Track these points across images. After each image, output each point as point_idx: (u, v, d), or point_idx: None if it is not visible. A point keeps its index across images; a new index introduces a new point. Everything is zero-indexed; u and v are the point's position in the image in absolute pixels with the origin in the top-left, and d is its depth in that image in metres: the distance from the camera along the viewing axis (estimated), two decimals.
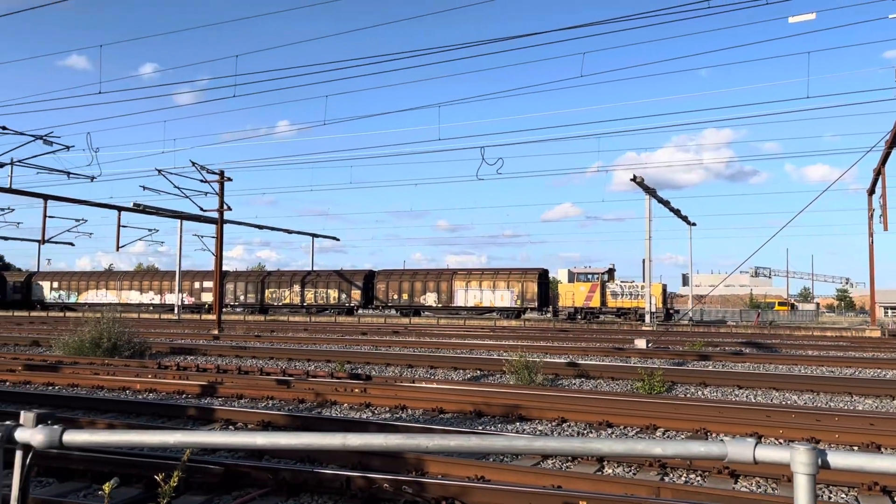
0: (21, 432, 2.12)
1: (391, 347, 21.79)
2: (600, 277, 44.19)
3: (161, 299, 54.03)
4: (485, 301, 46.79)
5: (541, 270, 47.23)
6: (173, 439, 2.08)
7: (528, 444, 1.96)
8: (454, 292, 47.30)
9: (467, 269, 49.55)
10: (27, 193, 31.81)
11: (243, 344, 22.24)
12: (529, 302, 46.05)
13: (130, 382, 12.16)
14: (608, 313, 44.21)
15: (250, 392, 11.21)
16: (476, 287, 46.99)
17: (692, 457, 1.91)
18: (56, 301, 56.68)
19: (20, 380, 12.92)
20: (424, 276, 48.95)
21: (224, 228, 33.02)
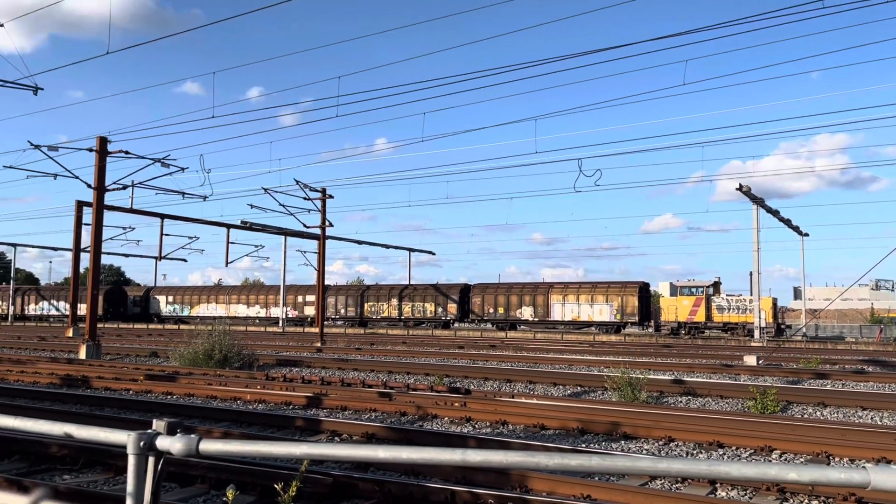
0: (161, 440, 2.26)
1: (488, 361, 21.77)
2: (705, 291, 42.58)
3: (266, 313, 56.25)
4: (583, 315, 46.01)
5: (641, 284, 46.02)
6: (299, 451, 2.16)
7: (651, 465, 1.91)
8: (551, 306, 46.78)
9: (564, 283, 48.92)
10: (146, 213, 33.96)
11: (345, 356, 22.82)
12: (629, 316, 44.92)
13: (241, 393, 12.71)
14: (714, 328, 42.50)
15: (354, 404, 11.47)
16: (574, 301, 46.30)
17: (831, 483, 1.81)
18: (171, 314, 60.07)
19: (142, 389, 13.76)
20: (520, 289, 48.69)
21: (325, 244, 34.10)
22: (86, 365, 18.27)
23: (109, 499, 5.57)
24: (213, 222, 37.36)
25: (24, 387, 13.97)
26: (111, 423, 9.18)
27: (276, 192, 32.46)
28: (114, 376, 15.36)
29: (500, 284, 51.25)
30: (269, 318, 55.63)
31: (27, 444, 7.60)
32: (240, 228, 36.00)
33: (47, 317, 62.12)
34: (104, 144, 22.86)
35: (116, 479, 6.83)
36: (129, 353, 23.92)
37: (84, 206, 31.68)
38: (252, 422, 9.97)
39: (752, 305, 39.40)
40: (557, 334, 42.49)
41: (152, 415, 10.57)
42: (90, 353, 21.40)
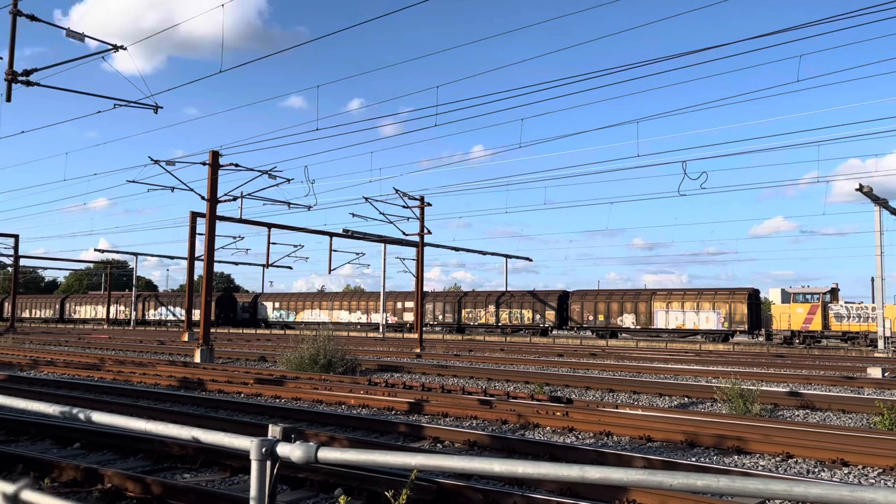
0: (282, 447, 2.33)
1: (589, 370, 21.37)
2: (821, 298, 40.15)
3: (367, 318, 57.55)
4: (688, 323, 44.41)
5: (750, 290, 43.93)
6: (415, 461, 2.17)
7: (786, 488, 1.80)
8: (654, 313, 45.41)
9: (668, 290, 47.38)
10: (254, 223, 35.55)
11: (444, 363, 23.00)
12: (738, 324, 42.97)
13: (345, 398, 13.02)
14: (831, 337, 39.99)
15: (454, 411, 11.51)
16: (678, 308, 44.76)
17: None
18: (277, 320, 62.49)
19: (252, 392, 14.36)
20: (621, 296, 47.56)
21: (424, 251, 34.55)
22: (200, 368, 19.26)
23: (226, 499, 5.82)
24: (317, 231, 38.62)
25: (147, 388, 14.87)
26: (225, 426, 9.63)
27: (377, 201, 33.22)
28: (226, 379, 16.10)
29: (599, 291, 50.26)
30: (370, 323, 56.87)
31: (150, 443, 8.07)
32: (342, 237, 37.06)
33: (165, 322, 66.00)
34: (216, 158, 24.09)
35: (231, 479, 7.14)
36: (240, 357, 25.03)
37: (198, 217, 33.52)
38: (356, 426, 10.19)
39: (875, 313, 36.80)
40: (661, 343, 41.19)
41: (263, 417, 11.01)
42: (204, 356, 22.54)
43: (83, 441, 8.70)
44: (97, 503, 6.20)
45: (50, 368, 19.05)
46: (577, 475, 1.99)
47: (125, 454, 8.16)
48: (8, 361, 21.03)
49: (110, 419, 3.22)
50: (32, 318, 73.86)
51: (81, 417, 3.41)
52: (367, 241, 38.95)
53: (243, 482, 6.95)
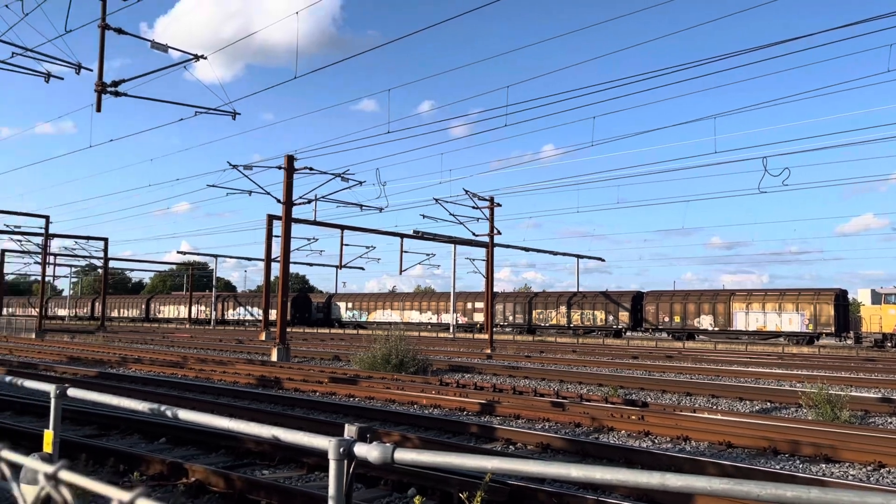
0: (359, 448, 2.37)
1: (665, 373, 20.86)
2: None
3: (437, 319, 57.87)
4: (769, 325, 42.78)
5: (837, 291, 41.95)
6: (490, 465, 2.17)
7: (884, 501, 1.71)
8: (733, 315, 43.94)
9: (747, 290, 45.78)
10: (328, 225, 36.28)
11: (515, 364, 22.89)
12: (824, 326, 41.11)
13: (417, 398, 13.13)
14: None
15: (527, 413, 11.44)
16: (758, 309, 43.17)
17: None
18: (350, 320, 63.59)
19: (327, 391, 14.66)
20: (698, 297, 46.23)
21: (493, 251, 34.49)
22: (277, 367, 19.80)
23: (304, 496, 5.96)
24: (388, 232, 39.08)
25: (227, 386, 15.38)
26: (302, 424, 9.86)
27: (447, 202, 33.38)
28: (302, 378, 16.49)
29: (675, 292, 49.01)
30: (440, 323, 57.17)
31: (230, 440, 8.35)
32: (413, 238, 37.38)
33: (243, 321, 68.14)
34: (291, 162, 24.72)
35: (308, 476, 7.30)
36: (315, 356, 25.59)
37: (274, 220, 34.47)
38: (429, 426, 10.26)
39: None
40: (740, 345, 39.82)
41: (338, 416, 11.22)
42: (281, 355, 23.16)
43: (169, 436, 9.07)
44: (182, 497, 6.45)
45: (137, 366, 19.95)
46: (658, 482, 1.95)
47: (208, 450, 8.46)
48: (99, 359, 22.14)
49: (195, 416, 3.34)
50: (120, 317, 77.52)
51: (168, 414, 3.56)
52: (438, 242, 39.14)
53: (319, 479, 7.10)
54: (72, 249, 55.82)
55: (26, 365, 19.46)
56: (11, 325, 45.46)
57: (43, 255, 44.12)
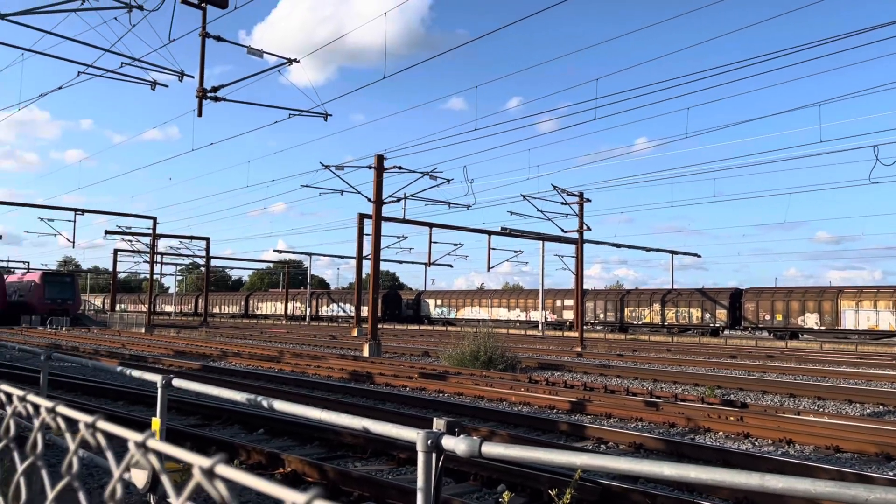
0: (447, 440, 2.38)
1: (766, 373, 19.96)
2: None
3: (526, 316, 57.56)
4: (882, 324, 40.18)
5: None
6: (580, 461, 2.14)
7: None
8: (841, 313, 41.54)
9: (857, 287, 43.16)
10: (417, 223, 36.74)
11: (606, 362, 22.47)
12: None
13: (506, 394, 13.10)
14: None
15: (618, 412, 11.21)
16: (870, 307, 40.61)
17: None
18: (439, 317, 64.17)
19: (417, 386, 14.84)
20: (802, 294, 43.98)
21: (583, 248, 33.97)
22: (368, 362, 20.22)
23: (395, 488, 6.06)
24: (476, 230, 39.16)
25: (321, 380, 15.84)
26: (392, 418, 10.03)
27: (534, 199, 33.11)
28: (392, 373, 16.77)
29: (777, 289, 46.80)
30: (529, 321, 56.83)
31: (324, 432, 8.59)
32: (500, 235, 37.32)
33: (336, 317, 69.98)
34: (381, 162, 25.17)
35: (399, 469, 7.42)
36: (405, 352, 25.98)
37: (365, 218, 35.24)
38: (518, 423, 10.22)
39: None
40: (849, 345, 37.61)
41: (427, 411, 11.35)
42: (372, 351, 23.64)
43: (266, 427, 9.42)
44: None
45: (236, 359, 20.84)
46: (757, 483, 1.86)
47: (303, 441, 8.74)
48: (202, 353, 23.28)
49: (291, 408, 3.46)
50: (221, 313, 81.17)
51: (265, 405, 3.70)
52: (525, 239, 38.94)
53: (409, 473, 7.20)
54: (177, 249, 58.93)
55: (137, 358, 20.69)
56: (124, 320, 48.58)
57: (151, 255, 46.74)
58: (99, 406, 10.81)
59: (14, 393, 0.89)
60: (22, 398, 0.83)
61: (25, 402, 0.83)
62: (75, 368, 16.21)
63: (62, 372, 15.04)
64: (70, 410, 0.84)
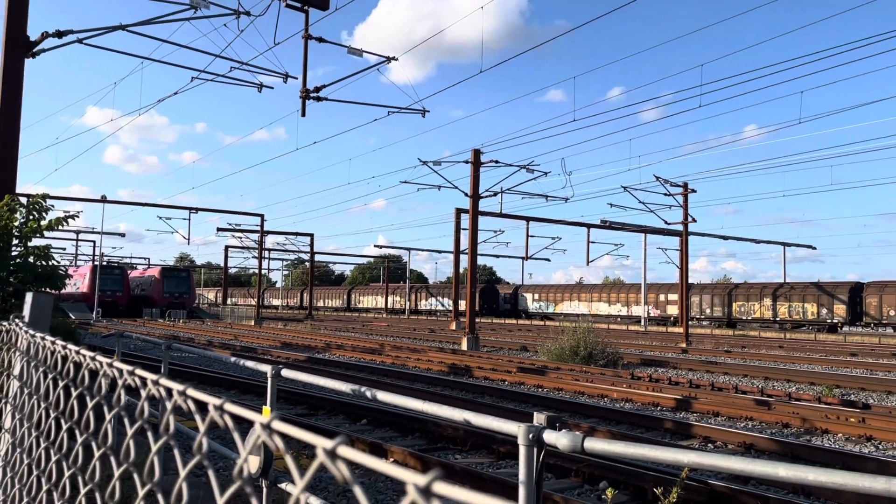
0: (548, 434, 2.37)
1: (891, 372, 18.66)
2: None
3: (627, 311, 56.27)
4: None
5: None
6: (687, 458, 2.07)
7: None
8: None
9: None
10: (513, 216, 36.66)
11: (713, 359, 21.68)
12: None
13: (607, 391, 12.88)
14: None
15: (726, 410, 10.80)
16: None
17: None
18: (537, 311, 63.75)
19: (515, 380, 14.83)
20: None
21: (688, 240, 32.83)
22: (467, 355, 20.37)
23: (496, 482, 6.09)
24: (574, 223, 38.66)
25: (420, 373, 16.10)
26: (492, 411, 10.07)
27: (636, 190, 32.31)
28: (491, 367, 16.82)
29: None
30: (630, 316, 55.53)
31: (425, 424, 8.73)
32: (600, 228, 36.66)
33: (434, 311, 70.87)
34: (478, 156, 25.25)
35: (498, 463, 7.45)
36: (503, 346, 26.00)
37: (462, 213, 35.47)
38: (620, 420, 10.03)
39: None
40: None
41: (526, 405, 11.32)
42: (470, 344, 23.79)
43: (369, 418, 9.68)
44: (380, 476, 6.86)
45: (340, 352, 21.48)
46: (882, 488, 1.75)
47: (404, 432, 8.92)
48: (307, 344, 24.15)
49: (393, 398, 3.53)
50: (325, 307, 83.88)
51: (368, 395, 3.80)
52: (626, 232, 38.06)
53: (510, 467, 7.21)
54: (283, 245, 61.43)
55: (247, 349, 21.71)
56: (235, 313, 51.07)
57: (259, 251, 48.92)
58: (214, 394, 11.44)
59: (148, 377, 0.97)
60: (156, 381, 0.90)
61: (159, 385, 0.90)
62: (191, 358, 17.20)
63: (180, 362, 15.99)
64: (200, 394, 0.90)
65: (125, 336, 7.93)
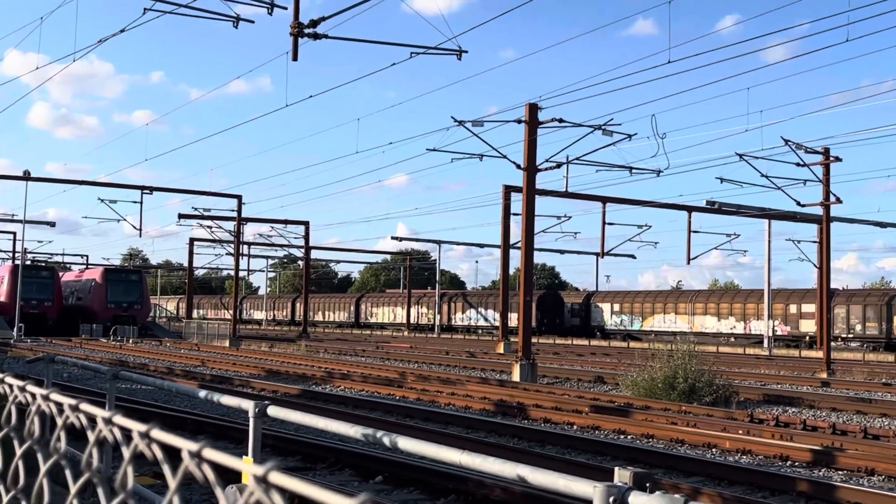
0: (636, 498, 2.37)
1: None
2: None
3: (744, 327, 55.75)
4: None
5: None
6: None
7: None
8: None
9: None
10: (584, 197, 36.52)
11: (866, 394, 21.43)
12: None
13: (717, 438, 12.80)
14: None
15: (885, 466, 10.68)
16: None
17: None
18: (617, 328, 63.50)
19: (588, 424, 14.80)
20: None
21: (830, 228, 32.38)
22: (520, 389, 20.36)
23: None
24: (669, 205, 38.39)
25: (456, 412, 16.14)
26: (556, 466, 10.06)
27: (755, 159, 31.91)
28: (553, 405, 16.81)
29: None
30: (749, 335, 55.01)
31: (464, 482, 8.76)
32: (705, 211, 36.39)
33: (474, 328, 71.02)
34: (534, 113, 25.22)
35: None
36: (569, 375, 25.94)
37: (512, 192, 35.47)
38: (733, 480, 9.98)
39: None
40: None
41: (603, 458, 11.31)
42: (524, 374, 23.81)
43: (386, 474, 9.75)
44: None
45: (345, 383, 21.67)
46: None
47: (434, 494, 8.96)
48: (301, 373, 24.40)
49: (419, 447, 3.57)
50: (325, 321, 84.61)
51: (386, 443, 3.84)
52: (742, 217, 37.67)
53: None
54: (268, 237, 61.89)
55: (220, 379, 22.01)
56: (203, 330, 51.54)
57: (236, 244, 49.29)
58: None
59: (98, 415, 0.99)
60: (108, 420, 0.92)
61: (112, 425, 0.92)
62: (146, 392, 17.50)
63: (129, 395, 16.29)
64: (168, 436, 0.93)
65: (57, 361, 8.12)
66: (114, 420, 0.93)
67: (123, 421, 0.97)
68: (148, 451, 0.86)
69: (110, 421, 0.92)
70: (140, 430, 0.86)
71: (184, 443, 0.87)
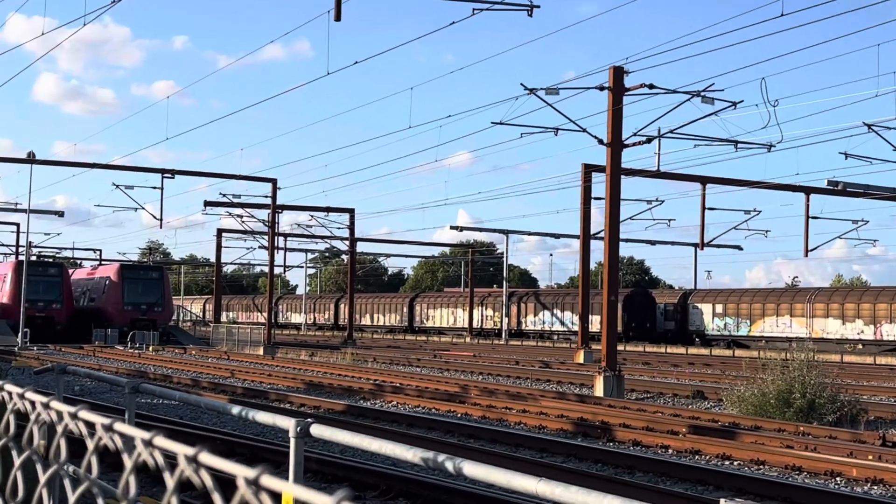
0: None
1: None
2: None
3: (874, 332, 54.75)
4: None
5: None
6: None
7: None
8: None
9: None
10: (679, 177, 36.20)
11: None
12: None
13: (842, 465, 12.63)
14: None
15: None
16: None
17: None
18: (719, 333, 62.74)
19: (685, 447, 14.69)
20: None
21: None
22: (604, 405, 20.27)
23: None
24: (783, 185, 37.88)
25: (527, 432, 16.13)
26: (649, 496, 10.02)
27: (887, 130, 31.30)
28: (644, 425, 16.70)
29: None
30: (880, 341, 54.05)
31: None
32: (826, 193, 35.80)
33: (549, 333, 70.75)
34: (619, 77, 25.03)
35: None
36: (663, 389, 25.75)
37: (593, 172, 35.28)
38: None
39: None
40: None
41: (705, 488, 11.25)
42: (609, 388, 23.68)
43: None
44: None
45: (397, 397, 21.78)
46: None
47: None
48: (348, 386, 24.60)
49: (488, 473, 3.59)
50: (374, 325, 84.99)
51: (449, 468, 3.86)
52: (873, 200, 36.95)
53: None
54: (307, 227, 62.16)
55: (253, 392, 22.29)
56: (233, 335, 51.75)
57: (270, 235, 49.65)
58: None
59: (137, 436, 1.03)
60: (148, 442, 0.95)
61: (152, 446, 0.96)
62: (168, 407, 17.81)
63: (150, 411, 16.59)
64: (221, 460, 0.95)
65: (69, 372, 8.30)
66: (154, 442, 0.96)
67: (166, 443, 1.00)
68: (196, 477, 0.89)
69: (150, 443, 0.96)
70: (187, 454, 0.88)
71: (239, 469, 0.89)
